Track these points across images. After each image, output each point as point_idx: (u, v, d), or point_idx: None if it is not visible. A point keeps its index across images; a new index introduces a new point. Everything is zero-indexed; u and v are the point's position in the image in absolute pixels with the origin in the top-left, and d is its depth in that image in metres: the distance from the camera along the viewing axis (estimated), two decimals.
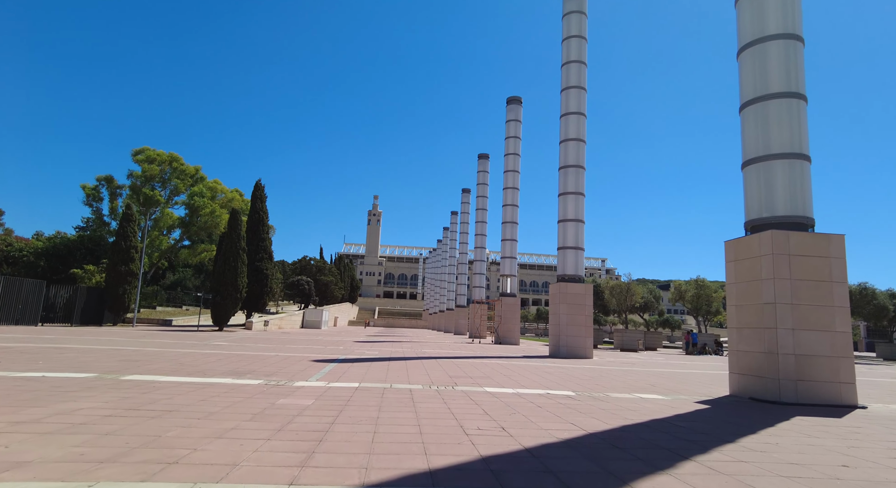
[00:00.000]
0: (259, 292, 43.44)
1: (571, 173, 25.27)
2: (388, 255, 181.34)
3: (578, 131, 25.43)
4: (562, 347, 23.18)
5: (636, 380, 13.49)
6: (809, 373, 9.96)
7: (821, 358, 10.04)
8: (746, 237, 11.16)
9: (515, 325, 37.34)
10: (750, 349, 10.71)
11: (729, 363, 11.39)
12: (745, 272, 11.07)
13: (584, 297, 24.00)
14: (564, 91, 25.98)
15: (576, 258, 24.73)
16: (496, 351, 25.99)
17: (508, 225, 39.41)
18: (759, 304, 10.51)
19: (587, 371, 15.73)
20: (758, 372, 10.41)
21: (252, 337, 28.68)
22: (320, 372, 11.54)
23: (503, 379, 12.07)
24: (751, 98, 11.31)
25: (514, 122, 40.32)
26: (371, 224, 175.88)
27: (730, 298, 11.57)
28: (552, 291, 25.10)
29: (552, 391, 10.18)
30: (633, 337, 35.04)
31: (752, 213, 11.23)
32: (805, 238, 10.40)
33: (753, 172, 11.24)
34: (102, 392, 7.51)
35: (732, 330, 11.38)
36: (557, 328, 23.69)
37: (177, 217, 52.07)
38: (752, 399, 10.43)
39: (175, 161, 51.23)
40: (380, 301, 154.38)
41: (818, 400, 9.88)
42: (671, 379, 14.20)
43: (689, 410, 8.55)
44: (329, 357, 16.20)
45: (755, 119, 11.28)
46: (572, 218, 24.96)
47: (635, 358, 26.05)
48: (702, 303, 38.92)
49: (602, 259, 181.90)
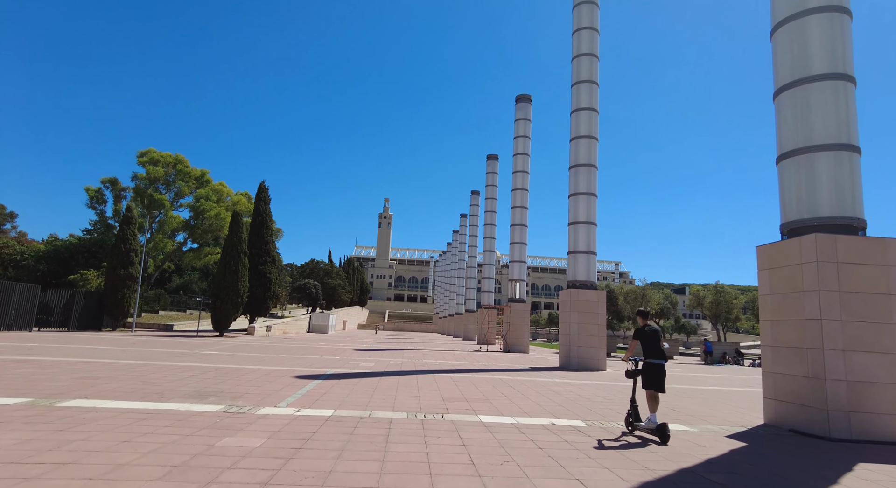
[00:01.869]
0: (262, 296, 42.43)
1: (583, 172, 23.77)
2: (398, 258, 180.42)
3: (590, 128, 23.93)
4: (573, 359, 21.66)
5: None
6: (865, 404, 8.41)
7: (879, 385, 8.48)
8: (784, 242, 9.64)
9: (525, 332, 35.82)
10: (789, 372, 9.19)
11: (763, 386, 9.87)
12: (782, 282, 9.55)
13: (597, 305, 22.46)
14: (575, 85, 24.50)
15: (588, 263, 23.20)
16: (503, 361, 24.53)
17: (517, 227, 37.91)
18: (801, 320, 8.98)
19: (599, 389, 14.25)
20: (800, 399, 8.88)
21: (249, 344, 27.55)
22: (297, 394, 10.23)
23: (503, 401, 10.66)
24: (789, 81, 9.79)
25: (524, 121, 38.86)
26: (381, 227, 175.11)
27: (763, 311, 10.06)
28: (562, 298, 23.59)
29: (558, 421, 8.75)
30: None
31: (791, 214, 9.71)
32: (856, 243, 8.87)
33: (792, 167, 9.72)
34: (11, 428, 6.26)
35: (767, 348, 9.86)
36: (568, 338, 22.17)
37: (181, 219, 51.38)
38: (794, 431, 8.90)
39: (180, 163, 50.54)
40: (390, 304, 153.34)
41: (876, 436, 8.33)
42: (694, 401, 12.67)
43: (722, 451, 7.08)
44: (316, 372, 14.91)
45: (794, 106, 9.76)
46: (584, 220, 23.45)
47: None
48: (721, 310, 37.09)
49: (616, 262, 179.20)
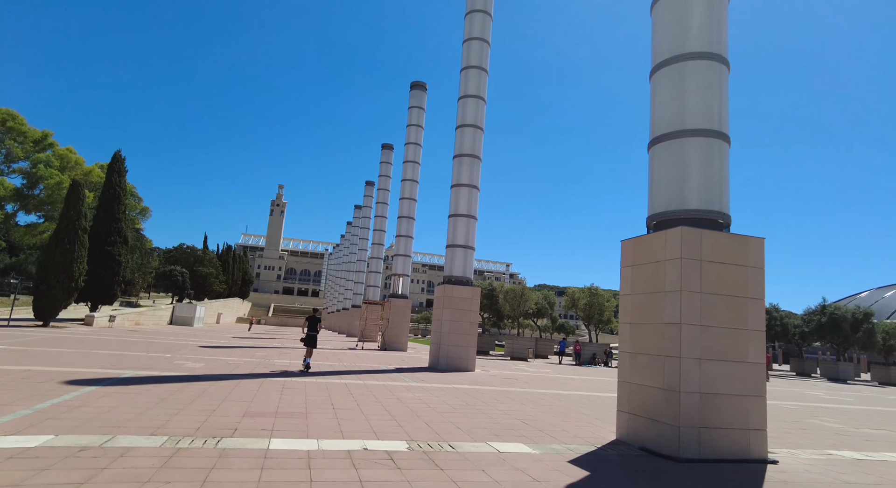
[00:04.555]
0: (109, 281, 36.74)
1: (466, 163, 22.51)
2: (290, 249, 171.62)
3: (476, 117, 22.74)
4: (441, 359, 20.26)
5: (508, 411, 10.67)
6: (715, 418, 7.54)
7: (729, 397, 7.66)
8: (649, 236, 8.64)
9: (404, 330, 34.15)
10: (646, 382, 8.16)
11: (618, 397, 8.82)
12: (644, 281, 8.54)
13: (471, 302, 21.29)
14: (464, 71, 23.18)
15: (465, 258, 21.98)
16: (370, 361, 22.56)
17: (404, 220, 36.14)
18: (661, 325, 7.97)
19: (456, 394, 12.77)
20: (653, 414, 7.85)
21: (70, 336, 22.94)
22: (34, 407, 7.44)
23: (324, 416, 8.66)
24: (667, 57, 8.82)
25: (417, 110, 37.18)
26: (273, 214, 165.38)
27: (623, 313, 9.03)
28: (437, 294, 22.16)
29: (374, 444, 6.91)
30: (524, 345, 33.24)
31: (659, 206, 8.74)
32: (721, 240, 8.03)
33: (663, 152, 8.75)
34: None
35: (625, 354, 8.82)
36: (439, 336, 20.75)
37: (12, 187, 43.21)
38: (644, 449, 7.86)
39: (12, 119, 42.41)
40: (277, 297, 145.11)
41: (724, 453, 7.48)
42: (550, 410, 11.56)
43: (560, 485, 5.65)
44: (105, 374, 11.88)
45: (669, 84, 8.80)
46: (464, 213, 22.19)
47: (522, 371, 23.82)
48: (594, 312, 38.33)
49: (507, 263, 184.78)
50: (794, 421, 12.74)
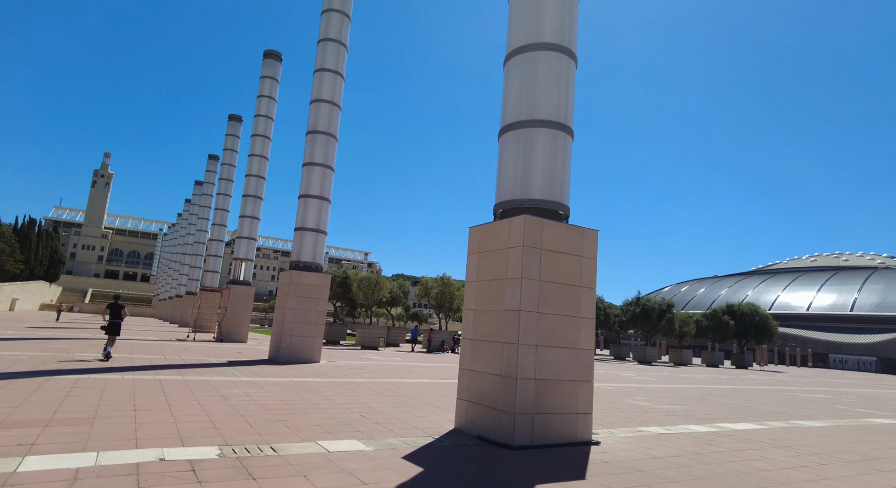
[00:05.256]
0: None
1: (320, 141, 21.17)
2: (117, 227, 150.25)
3: (333, 93, 21.48)
4: (283, 350, 18.85)
5: (348, 404, 10.03)
6: (549, 404, 7.72)
7: (562, 383, 7.91)
8: (495, 223, 8.59)
9: (245, 320, 31.47)
10: (485, 370, 8.10)
11: (458, 384, 8.69)
12: (489, 268, 8.48)
13: (320, 290, 20.15)
14: (322, 43, 21.74)
15: (315, 242, 20.70)
16: (201, 353, 20.23)
17: (250, 199, 33.20)
18: (502, 311, 7.95)
19: (292, 388, 11.77)
20: (492, 401, 7.81)
21: None
22: None
23: (116, 421, 7.17)
24: (522, 45, 8.81)
25: (270, 80, 34.34)
26: (97, 186, 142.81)
27: (468, 300, 8.92)
28: (282, 281, 20.59)
29: (177, 451, 5.79)
30: (375, 333, 32.82)
31: (505, 194, 8.73)
32: (561, 230, 8.23)
33: (512, 141, 8.74)
34: None
35: (467, 341, 8.71)
36: (282, 326, 19.28)
37: None
38: (481, 438, 7.79)
39: None
40: (98, 282, 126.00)
41: (554, 438, 7.70)
42: (393, 400, 11.17)
43: (388, 487, 5.17)
44: None
45: (522, 73, 8.81)
46: (316, 194, 20.86)
47: (370, 360, 23.32)
48: (445, 300, 39.41)
49: (366, 252, 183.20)
50: (613, 402, 14.01)
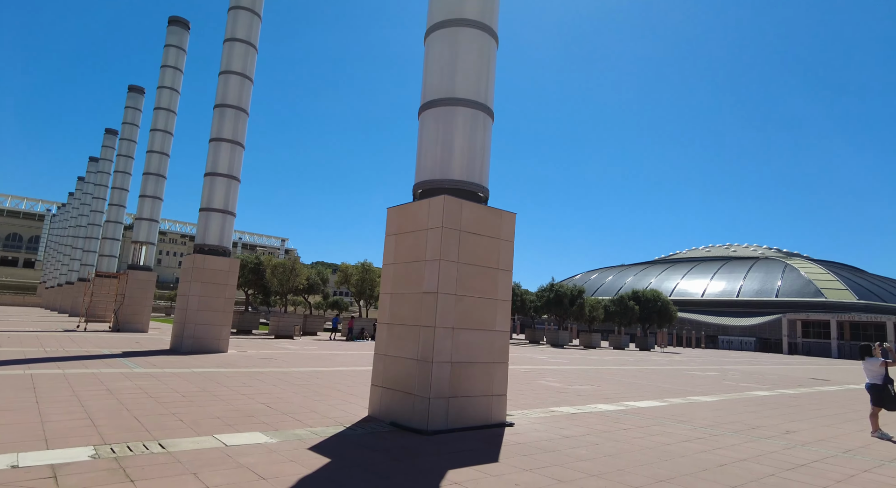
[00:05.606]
0: None
1: (229, 116, 19.71)
2: None
3: (245, 65, 20.04)
4: (186, 339, 17.50)
5: (254, 395, 9.39)
6: (464, 387, 7.62)
7: (478, 365, 7.84)
8: (414, 203, 8.31)
9: (146, 308, 29.02)
10: (401, 354, 7.85)
11: (373, 370, 8.38)
12: (407, 250, 8.20)
13: (228, 275, 18.87)
14: (233, 10, 20.16)
15: (223, 224, 19.33)
16: (91, 344, 18.32)
17: (152, 177, 30.44)
18: (420, 294, 7.71)
19: (192, 379, 10.87)
20: (407, 386, 7.58)
21: None
22: None
23: None
24: (444, 19, 8.51)
25: (176, 50, 31.55)
26: None
27: (385, 283, 8.60)
28: (185, 265, 19.08)
29: (39, 455, 5.01)
30: (291, 322, 31.56)
31: (425, 173, 8.45)
32: (479, 211, 8.11)
33: (432, 119, 8.47)
34: None
35: (383, 326, 8.40)
36: (185, 313, 17.87)
37: None
38: (395, 424, 7.54)
39: None
40: None
41: (469, 421, 7.62)
42: (304, 389, 10.64)
43: (290, 481, 4.78)
44: None
45: (443, 48, 8.53)
46: (224, 172, 19.44)
47: (284, 349, 22.33)
48: (365, 287, 38.62)
49: (283, 238, 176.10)
50: (527, 383, 14.33)
